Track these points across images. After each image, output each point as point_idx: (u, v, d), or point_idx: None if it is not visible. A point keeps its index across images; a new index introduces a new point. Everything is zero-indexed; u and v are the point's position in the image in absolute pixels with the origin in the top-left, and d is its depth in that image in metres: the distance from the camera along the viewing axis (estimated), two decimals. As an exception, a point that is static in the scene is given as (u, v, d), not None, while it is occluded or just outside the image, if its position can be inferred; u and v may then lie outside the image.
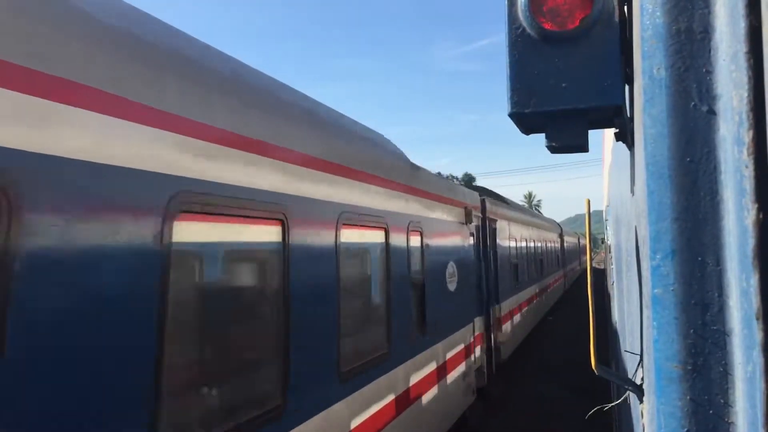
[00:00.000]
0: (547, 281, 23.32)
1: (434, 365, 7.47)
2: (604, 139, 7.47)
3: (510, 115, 1.87)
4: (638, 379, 2.32)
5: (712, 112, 1.13)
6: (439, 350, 7.74)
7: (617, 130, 2.22)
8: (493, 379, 11.50)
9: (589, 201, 2.93)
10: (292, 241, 4.05)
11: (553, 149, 1.94)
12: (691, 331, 1.12)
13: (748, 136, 1.03)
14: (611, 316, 9.93)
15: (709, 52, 1.14)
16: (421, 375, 6.91)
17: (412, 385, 6.52)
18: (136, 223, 2.69)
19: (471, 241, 10.13)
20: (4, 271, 2.09)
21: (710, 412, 1.10)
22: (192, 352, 3.24)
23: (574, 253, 44.68)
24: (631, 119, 1.96)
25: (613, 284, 8.28)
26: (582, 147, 1.91)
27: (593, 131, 1.98)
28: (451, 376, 8.35)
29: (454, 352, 8.50)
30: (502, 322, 12.97)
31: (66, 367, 2.33)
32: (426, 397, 7.04)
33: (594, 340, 2.39)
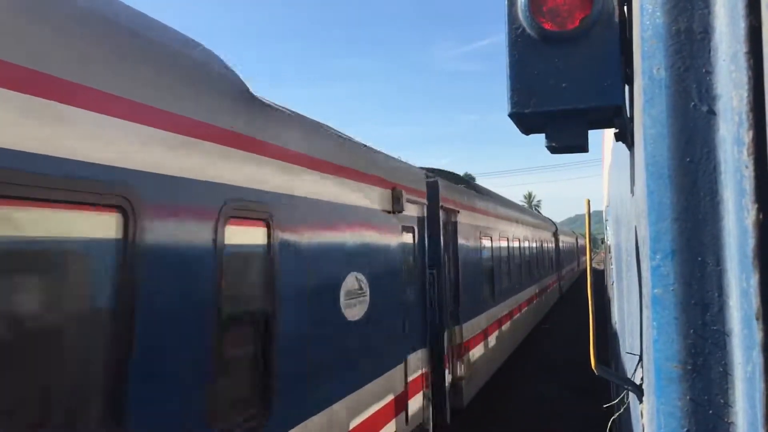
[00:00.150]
0: (537, 287, 20.33)
1: None
2: (604, 139, 7.47)
3: (510, 115, 1.87)
4: (638, 379, 2.32)
5: (712, 113, 1.13)
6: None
7: (617, 130, 2.22)
8: None
9: (589, 201, 2.93)
10: None
11: (553, 149, 1.94)
12: (691, 331, 1.12)
13: (747, 137, 1.03)
14: (611, 316, 9.92)
15: (709, 52, 1.14)
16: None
17: None
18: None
19: (406, 239, 7.24)
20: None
21: (710, 412, 1.10)
22: None
23: (572, 254, 41.24)
24: (631, 119, 1.96)
25: (612, 284, 8.27)
26: (582, 147, 1.92)
27: (593, 131, 1.98)
28: None
29: (357, 422, 5.34)
30: (466, 350, 9.80)
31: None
32: None
33: (594, 340, 2.39)
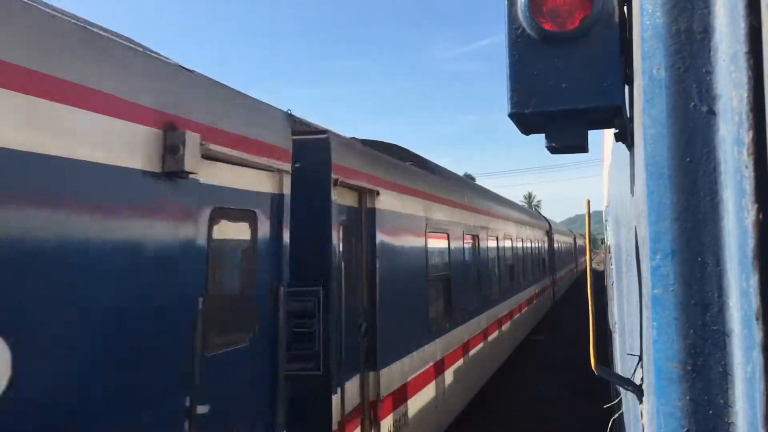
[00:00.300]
0: (521, 298, 16.65)
1: None
2: (603, 139, 7.46)
3: (510, 116, 1.86)
4: (638, 379, 2.32)
5: (711, 113, 1.13)
6: None
7: (617, 131, 2.22)
8: None
9: (589, 201, 2.93)
10: None
11: (553, 149, 1.94)
12: (691, 332, 1.12)
13: (747, 137, 1.03)
14: (611, 316, 9.92)
15: (709, 52, 1.14)
16: None
17: None
18: None
19: (223, 232, 4.07)
20: None
21: (710, 412, 1.10)
22: None
23: (568, 255, 37.81)
24: (631, 119, 1.96)
25: (612, 284, 8.28)
26: (582, 147, 1.91)
27: (593, 131, 1.98)
28: None
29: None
30: (391, 406, 6.59)
31: None
32: None
33: (594, 340, 2.39)
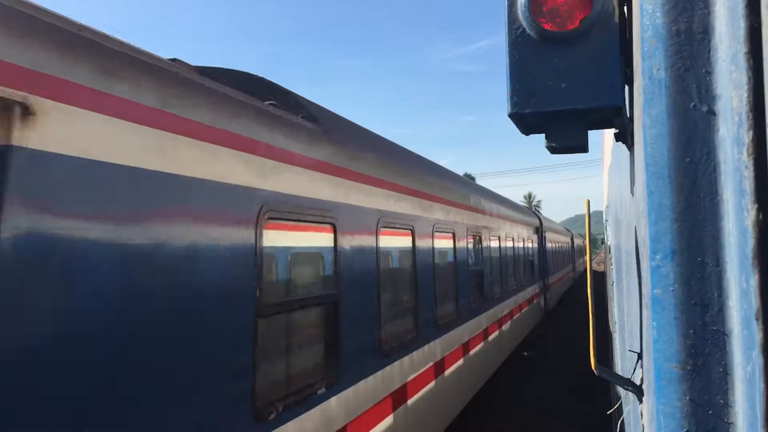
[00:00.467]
0: (502, 310, 12.71)
1: None
2: (604, 139, 7.46)
3: (510, 116, 1.87)
4: (638, 379, 2.32)
5: (711, 113, 1.13)
6: None
7: (617, 131, 2.22)
8: None
9: (589, 201, 2.93)
10: None
11: (553, 150, 1.94)
12: (691, 332, 1.12)
13: (747, 137, 1.03)
14: (611, 316, 9.91)
15: (709, 52, 1.14)
16: None
17: None
18: None
19: None
20: None
21: (710, 412, 1.10)
22: None
23: (565, 256, 33.10)
24: (631, 120, 1.96)
25: (612, 285, 8.27)
26: (582, 147, 1.91)
27: (593, 131, 1.98)
28: None
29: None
30: None
31: None
32: None
33: (594, 340, 2.39)
